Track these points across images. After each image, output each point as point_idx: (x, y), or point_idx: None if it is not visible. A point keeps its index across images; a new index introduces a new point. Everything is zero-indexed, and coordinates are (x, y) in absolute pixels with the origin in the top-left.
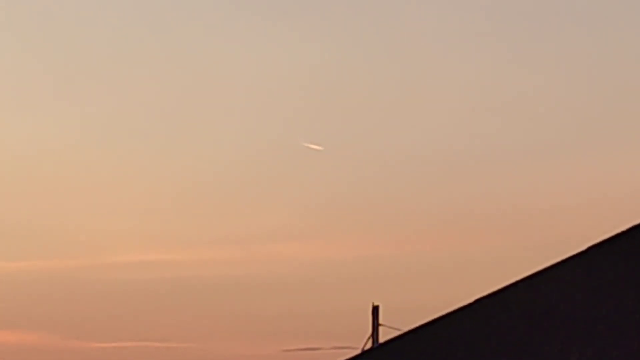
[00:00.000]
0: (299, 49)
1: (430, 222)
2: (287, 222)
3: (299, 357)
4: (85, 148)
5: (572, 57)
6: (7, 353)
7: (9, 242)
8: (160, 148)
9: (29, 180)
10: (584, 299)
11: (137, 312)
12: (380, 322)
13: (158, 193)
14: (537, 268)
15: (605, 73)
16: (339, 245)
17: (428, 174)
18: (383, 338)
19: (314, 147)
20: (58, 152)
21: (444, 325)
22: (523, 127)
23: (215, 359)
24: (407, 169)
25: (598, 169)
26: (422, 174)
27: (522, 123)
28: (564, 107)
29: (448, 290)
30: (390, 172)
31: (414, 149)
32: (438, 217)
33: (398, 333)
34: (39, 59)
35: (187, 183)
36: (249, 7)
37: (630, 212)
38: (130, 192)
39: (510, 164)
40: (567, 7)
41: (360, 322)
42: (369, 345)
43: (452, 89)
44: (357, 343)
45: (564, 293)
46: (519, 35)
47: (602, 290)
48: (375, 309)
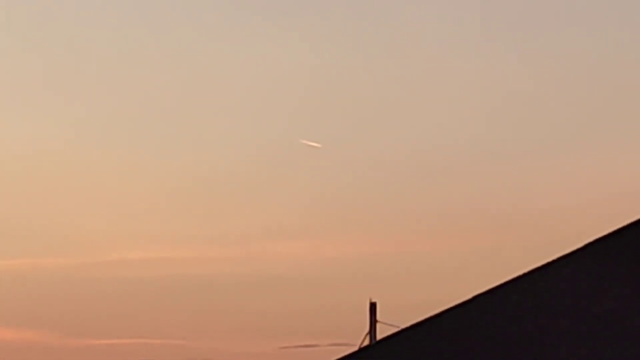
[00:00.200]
0: (297, 48)
1: (428, 220)
2: (284, 219)
3: (297, 354)
4: (84, 146)
5: (570, 56)
6: (5, 351)
7: (7, 240)
8: (158, 146)
9: (27, 178)
10: (580, 296)
11: (135, 309)
12: (378, 319)
13: (156, 191)
14: (535, 266)
15: (603, 72)
16: (336, 243)
17: (426, 172)
18: (380, 335)
19: (313, 144)
20: (56, 150)
21: (442, 322)
22: (522, 126)
23: (213, 357)
24: (405, 167)
25: (596, 169)
26: (420, 173)
27: (520, 122)
28: (562, 106)
29: (445, 288)
30: (389, 170)
31: (413, 147)
32: (436, 215)
33: (395, 330)
34: (38, 58)
35: (184, 181)
36: (247, 6)
37: (628, 211)
38: (128, 190)
39: (509, 163)
40: (565, 6)
41: (358, 319)
42: (367, 342)
43: (450, 87)
44: (354, 340)
45: (561, 290)
46: (517, 34)
47: (598, 288)
48: (373, 306)
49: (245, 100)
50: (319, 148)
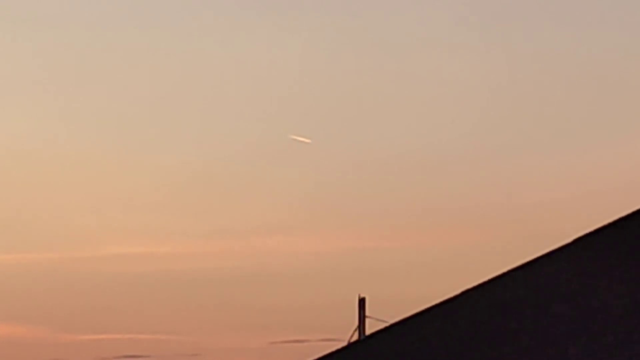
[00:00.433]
0: (287, 42)
1: (417, 214)
2: (274, 215)
3: (286, 349)
4: (77, 141)
5: (558, 51)
6: None
7: None
8: (150, 141)
9: (19, 174)
10: (571, 291)
11: (126, 304)
12: (367, 314)
13: (147, 186)
14: (523, 261)
15: (592, 68)
16: (326, 238)
17: (415, 168)
18: (370, 330)
19: (302, 140)
20: (49, 145)
21: (431, 317)
22: (511, 122)
23: (203, 351)
24: (394, 162)
25: (585, 164)
26: (409, 168)
27: (509, 118)
28: (552, 101)
29: (435, 283)
30: (378, 165)
31: (402, 142)
32: (425, 209)
33: (384, 325)
34: (32, 53)
35: (174, 177)
36: (237, 2)
37: (618, 206)
38: (121, 185)
39: (497, 159)
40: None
41: (347, 314)
42: (356, 337)
43: (439, 83)
44: (344, 335)
45: (550, 285)
46: (509, 30)
47: (588, 283)
48: (362, 301)
49: (235, 96)
50: (309, 143)
